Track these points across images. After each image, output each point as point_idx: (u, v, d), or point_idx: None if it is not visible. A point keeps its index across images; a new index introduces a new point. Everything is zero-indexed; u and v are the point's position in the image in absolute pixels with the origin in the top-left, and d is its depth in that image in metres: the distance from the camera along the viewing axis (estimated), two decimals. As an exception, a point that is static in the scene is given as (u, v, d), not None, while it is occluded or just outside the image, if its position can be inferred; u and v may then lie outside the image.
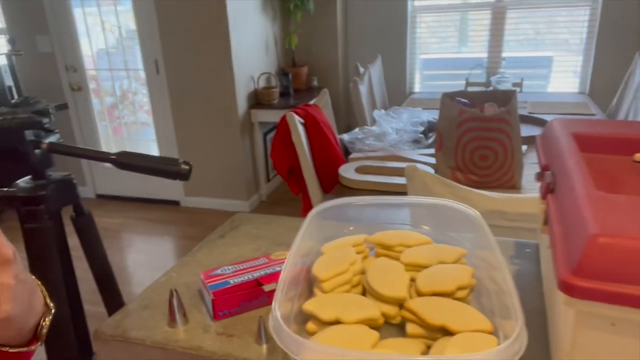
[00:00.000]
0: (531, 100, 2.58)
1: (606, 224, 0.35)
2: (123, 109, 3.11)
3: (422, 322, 0.49)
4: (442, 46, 3.33)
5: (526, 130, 2.09)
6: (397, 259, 0.61)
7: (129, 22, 2.83)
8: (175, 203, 3.08)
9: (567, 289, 0.34)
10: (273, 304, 0.46)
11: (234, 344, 0.53)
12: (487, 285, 0.55)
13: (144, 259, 2.56)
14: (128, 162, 0.67)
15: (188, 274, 0.68)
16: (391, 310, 0.52)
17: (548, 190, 0.49)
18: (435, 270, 0.56)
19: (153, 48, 2.78)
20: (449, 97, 1.75)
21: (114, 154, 0.68)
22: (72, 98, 3.03)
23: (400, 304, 0.53)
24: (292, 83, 3.12)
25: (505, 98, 1.73)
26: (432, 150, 1.95)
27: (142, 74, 2.89)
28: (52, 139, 0.69)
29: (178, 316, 0.56)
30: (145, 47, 2.81)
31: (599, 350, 0.36)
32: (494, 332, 0.47)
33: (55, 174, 0.75)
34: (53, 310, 0.36)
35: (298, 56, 3.27)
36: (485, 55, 3.18)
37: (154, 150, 3.04)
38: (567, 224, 0.40)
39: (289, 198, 2.99)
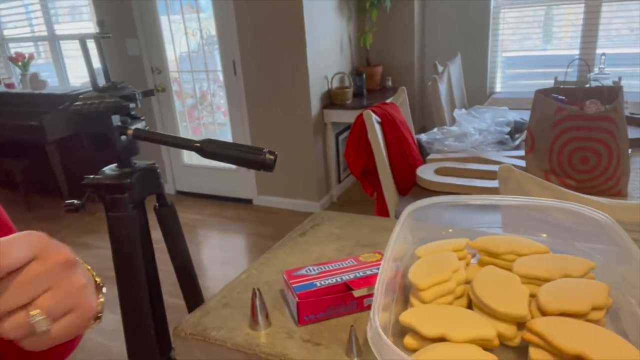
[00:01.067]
0: (632, 101, 2.31)
1: None
2: (202, 109, 3.21)
3: (550, 348, 0.40)
4: (525, 44, 3.11)
5: (629, 133, 1.87)
6: (508, 269, 0.52)
7: (210, 27, 2.93)
8: (248, 201, 3.12)
9: None
10: (371, 312, 0.40)
11: (321, 354, 0.48)
12: (625, 307, 0.45)
13: (218, 254, 2.61)
14: (213, 150, 0.64)
15: (269, 273, 0.63)
16: (508, 330, 0.44)
17: None
18: (561, 285, 0.47)
19: (231, 50, 2.84)
20: (544, 94, 1.60)
21: (198, 142, 0.65)
22: (156, 99, 3.19)
23: (518, 323, 0.44)
24: (366, 83, 3.06)
25: (610, 95, 1.54)
26: (520, 152, 1.79)
27: (221, 76, 2.97)
28: (138, 125, 0.68)
29: (260, 318, 0.52)
30: (224, 49, 2.88)
31: None
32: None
33: (140, 162, 0.74)
34: (104, 289, 0.35)
35: (372, 56, 3.20)
36: (576, 52, 2.92)
37: (229, 150, 3.10)
38: None
39: (360, 200, 2.93)
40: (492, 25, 3.05)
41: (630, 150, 1.79)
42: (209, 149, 0.64)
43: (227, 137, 3.09)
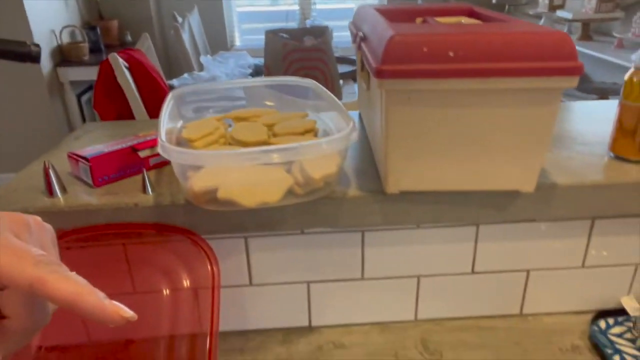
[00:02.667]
0: (342, 47, 2.90)
1: (399, 30, 0.52)
2: None
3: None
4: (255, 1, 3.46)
5: (340, 68, 2.37)
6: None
7: None
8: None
9: (378, 73, 0.50)
10: (158, 133, 0.53)
11: (121, 196, 0.58)
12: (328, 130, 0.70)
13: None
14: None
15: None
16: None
17: (361, 41, 0.65)
18: (288, 123, 0.69)
19: None
20: (272, 33, 1.89)
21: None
22: None
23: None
24: (102, 38, 2.89)
25: (320, 32, 1.94)
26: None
27: None
28: None
29: (57, 187, 0.58)
30: None
31: (403, 121, 0.53)
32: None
33: None
34: None
35: (105, 9, 3.02)
36: (296, 7, 3.41)
37: None
38: (375, 46, 0.55)
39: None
40: (221, -19, 3.25)
41: (341, 81, 2.29)
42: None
43: None
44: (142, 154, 0.64)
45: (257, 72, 2.50)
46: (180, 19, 2.72)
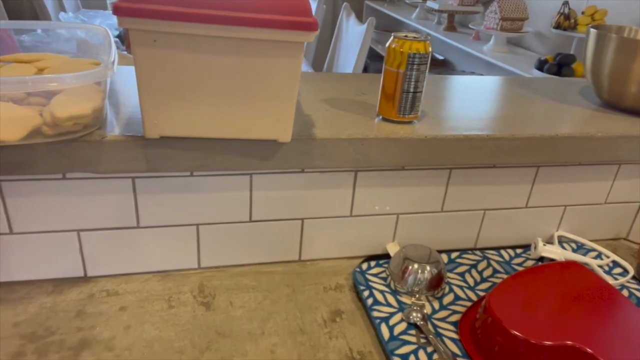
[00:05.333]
0: None
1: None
2: None
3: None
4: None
5: None
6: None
7: None
8: None
9: (116, 10, 0.50)
10: None
11: None
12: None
13: None
14: None
15: None
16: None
17: None
18: (65, 67, 0.66)
19: None
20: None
21: None
22: None
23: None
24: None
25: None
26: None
27: None
28: None
29: None
30: None
31: (152, 64, 0.54)
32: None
33: None
34: None
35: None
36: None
37: None
38: None
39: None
40: None
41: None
42: None
43: None
44: None
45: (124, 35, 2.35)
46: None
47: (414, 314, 0.64)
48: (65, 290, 0.66)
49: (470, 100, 0.86)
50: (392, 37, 0.69)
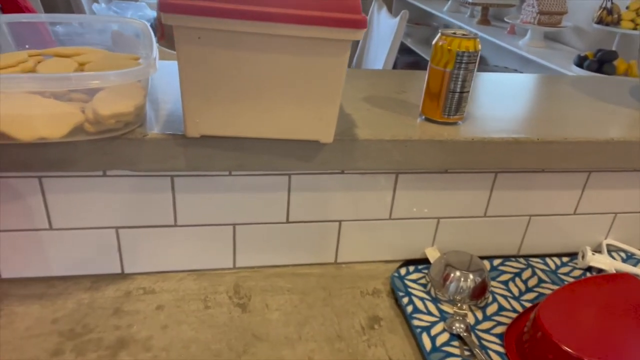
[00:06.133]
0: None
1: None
2: None
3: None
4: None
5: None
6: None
7: None
8: None
9: (163, 7, 0.49)
10: None
11: None
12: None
13: None
14: None
15: None
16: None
17: None
18: (106, 62, 0.65)
19: None
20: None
21: None
22: None
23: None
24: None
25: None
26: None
27: None
28: None
29: None
30: None
31: (196, 61, 0.52)
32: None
33: None
34: None
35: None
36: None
37: None
38: None
39: None
40: None
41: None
42: None
43: None
44: None
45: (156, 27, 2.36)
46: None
47: (457, 325, 0.62)
48: (102, 286, 0.66)
49: (513, 99, 0.82)
50: (439, 34, 0.66)
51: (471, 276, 0.66)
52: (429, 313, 0.64)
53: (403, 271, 0.72)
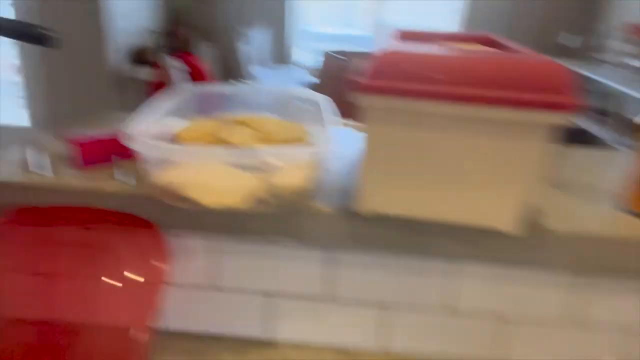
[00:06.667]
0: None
1: (390, 48, 0.50)
2: None
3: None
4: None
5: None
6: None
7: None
8: None
9: (363, 89, 0.48)
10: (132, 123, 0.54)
11: (94, 181, 0.60)
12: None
13: None
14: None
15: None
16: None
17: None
18: (282, 131, 0.67)
19: None
20: (331, 54, 1.92)
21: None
22: None
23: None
24: (172, 42, 3.05)
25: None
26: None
27: None
28: None
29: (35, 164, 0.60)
30: None
31: (382, 140, 0.50)
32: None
33: None
34: None
35: (180, 16, 3.19)
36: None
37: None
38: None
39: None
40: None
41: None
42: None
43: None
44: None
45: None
46: (244, 31, 2.83)
47: None
48: (248, 350, 0.65)
49: None
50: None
51: None
52: None
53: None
